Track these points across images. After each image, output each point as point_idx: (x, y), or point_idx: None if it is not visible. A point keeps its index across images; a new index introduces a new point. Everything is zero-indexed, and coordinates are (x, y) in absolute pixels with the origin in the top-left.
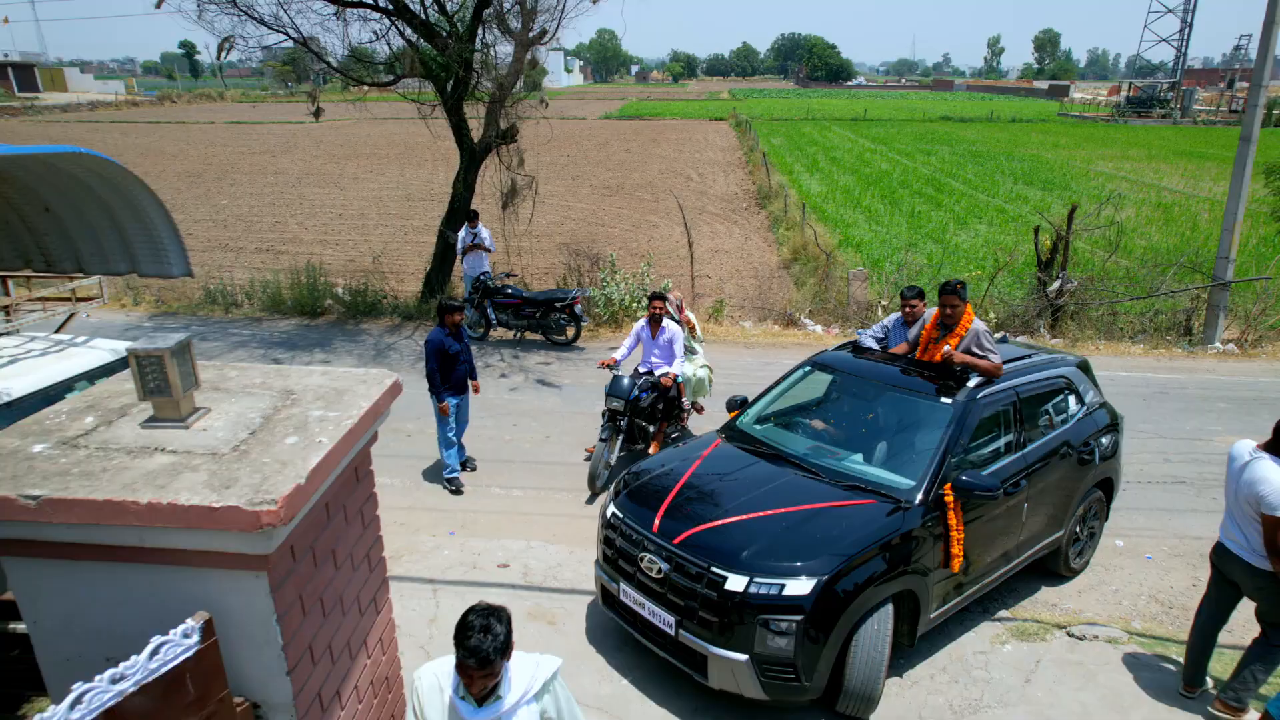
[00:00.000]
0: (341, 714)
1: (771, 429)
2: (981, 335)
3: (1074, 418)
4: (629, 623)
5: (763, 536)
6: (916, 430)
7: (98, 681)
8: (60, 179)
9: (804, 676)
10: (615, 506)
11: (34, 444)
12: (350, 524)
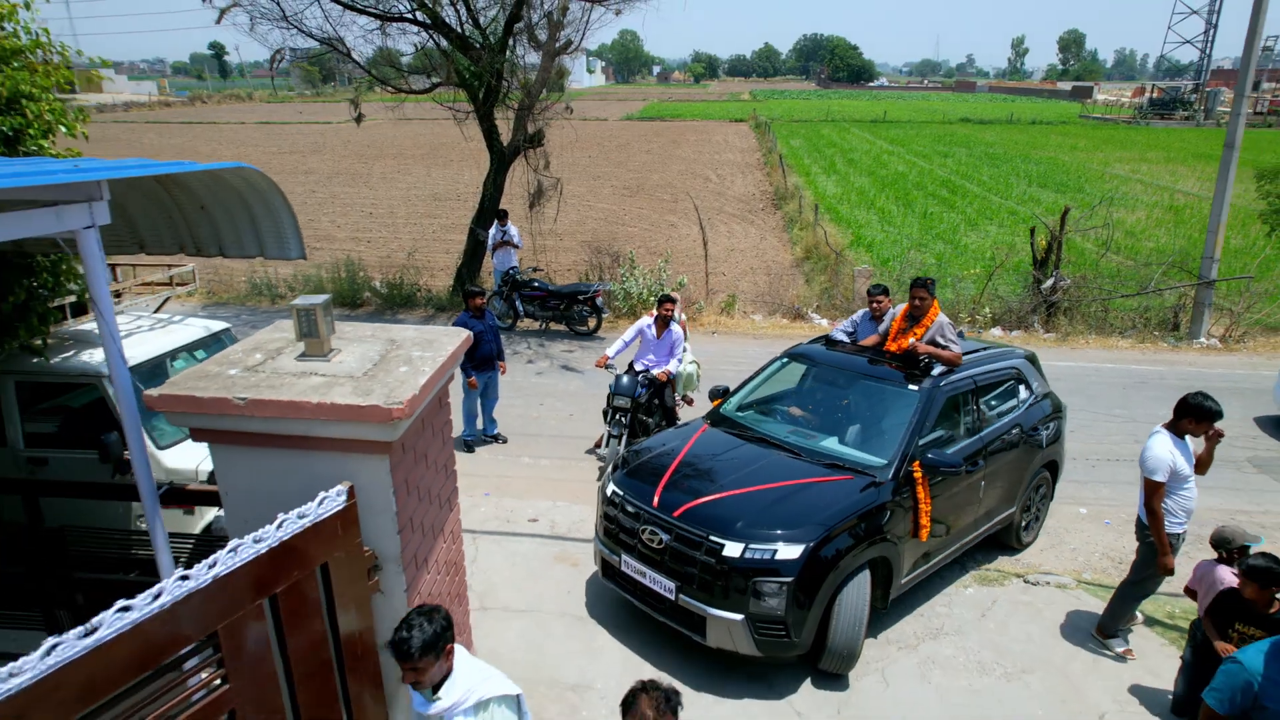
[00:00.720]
0: (426, 578)
1: (753, 415)
2: (945, 328)
3: (1024, 405)
4: (629, 592)
5: (754, 508)
6: (886, 414)
7: (290, 514)
8: (217, 184)
9: (793, 633)
10: (615, 485)
11: (229, 369)
12: (435, 436)
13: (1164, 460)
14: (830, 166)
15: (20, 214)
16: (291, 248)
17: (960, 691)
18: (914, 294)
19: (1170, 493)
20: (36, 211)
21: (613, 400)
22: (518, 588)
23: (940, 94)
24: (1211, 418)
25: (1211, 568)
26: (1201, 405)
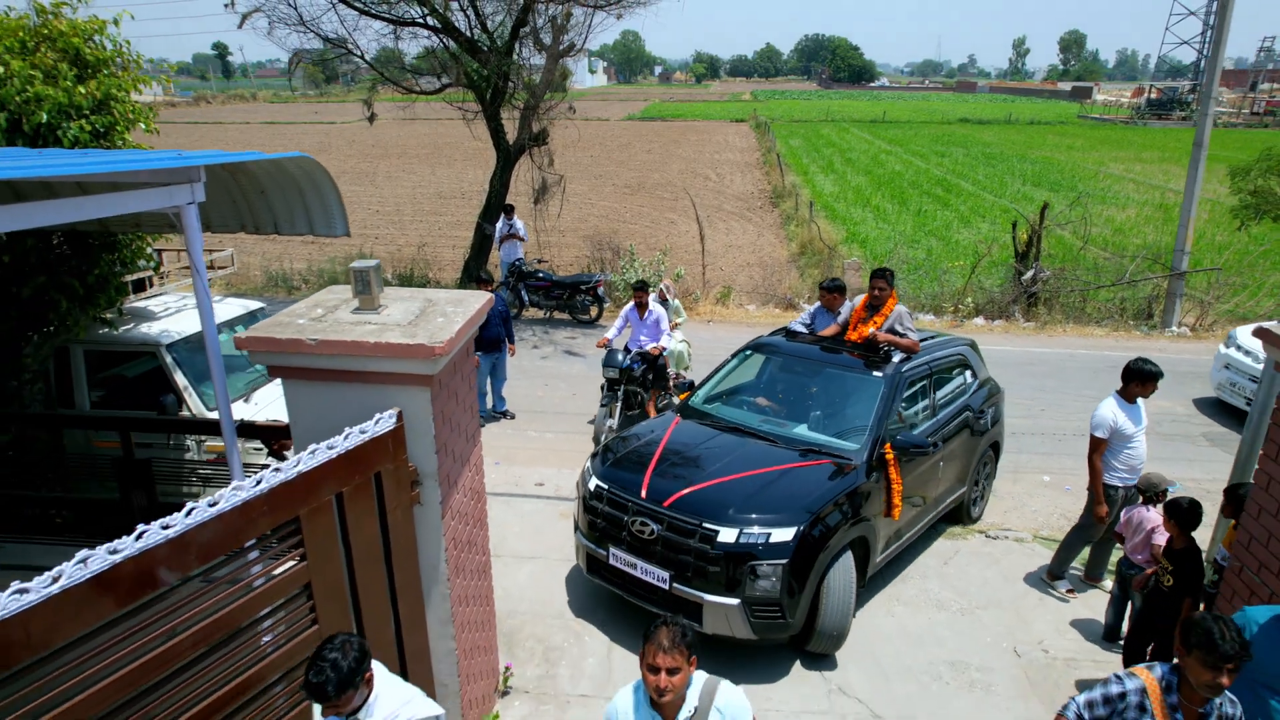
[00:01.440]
0: (455, 496)
1: (723, 406)
2: (903, 317)
3: (970, 389)
4: (618, 585)
5: (743, 495)
6: (854, 400)
7: (354, 429)
8: (277, 170)
9: (788, 614)
10: (598, 479)
11: (297, 319)
12: (463, 381)
13: (1106, 419)
14: (828, 166)
15: (143, 191)
16: (338, 226)
17: (919, 623)
18: (874, 284)
19: (1116, 450)
20: (154, 190)
21: (605, 374)
22: (526, 539)
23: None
24: (1152, 378)
25: (1136, 510)
26: (1142, 369)
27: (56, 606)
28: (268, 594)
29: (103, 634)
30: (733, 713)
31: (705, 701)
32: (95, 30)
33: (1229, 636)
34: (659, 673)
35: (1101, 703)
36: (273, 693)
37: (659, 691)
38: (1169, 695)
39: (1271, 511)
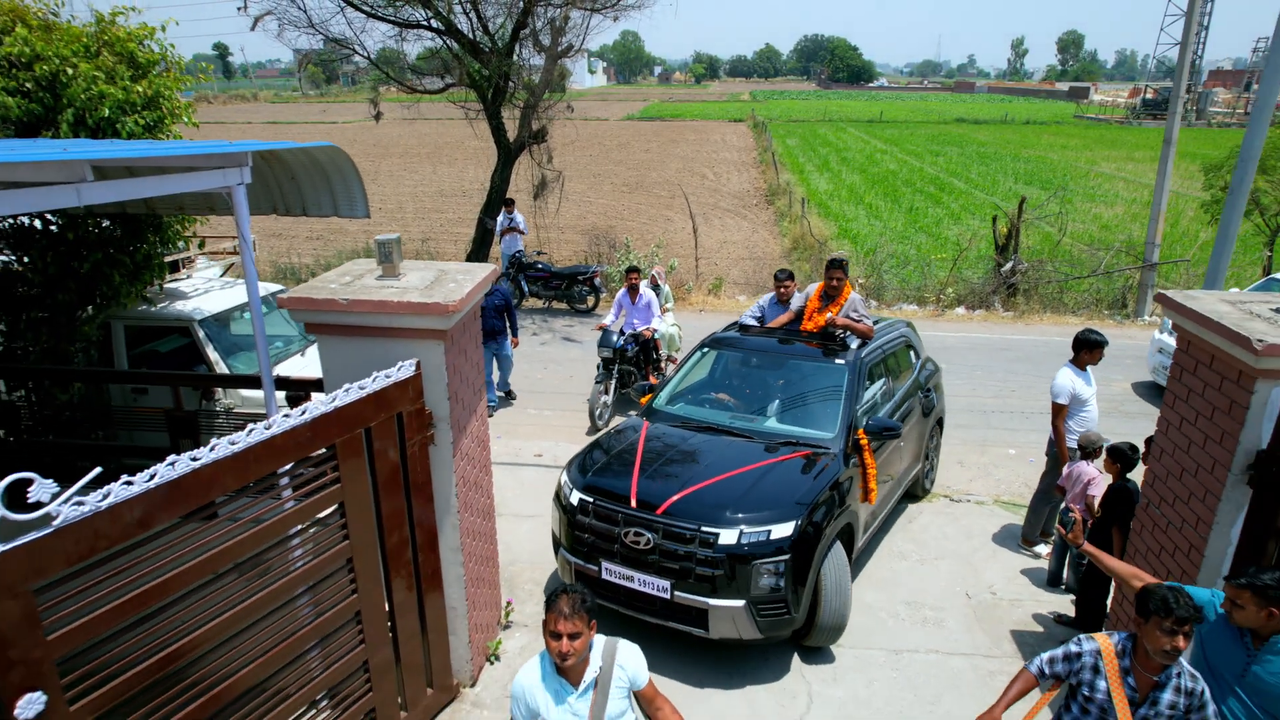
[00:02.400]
0: (464, 440)
1: (690, 406)
2: (858, 304)
3: (916, 369)
4: (613, 599)
5: (736, 494)
6: (820, 389)
7: (379, 374)
8: (307, 158)
9: (792, 609)
10: (581, 493)
11: (329, 284)
12: (471, 340)
13: (1065, 387)
14: (824, 164)
15: (205, 173)
16: (359, 208)
17: (881, 571)
18: (830, 274)
19: (1071, 414)
20: (210, 172)
21: (600, 353)
22: (526, 501)
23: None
24: (1098, 345)
25: (1076, 465)
26: (1089, 338)
27: (152, 497)
28: (309, 508)
29: (188, 523)
30: (633, 668)
31: (608, 661)
32: (146, 35)
33: (1182, 602)
34: (561, 639)
35: (1061, 659)
36: (298, 604)
37: (562, 656)
38: (1122, 659)
39: (1169, 452)
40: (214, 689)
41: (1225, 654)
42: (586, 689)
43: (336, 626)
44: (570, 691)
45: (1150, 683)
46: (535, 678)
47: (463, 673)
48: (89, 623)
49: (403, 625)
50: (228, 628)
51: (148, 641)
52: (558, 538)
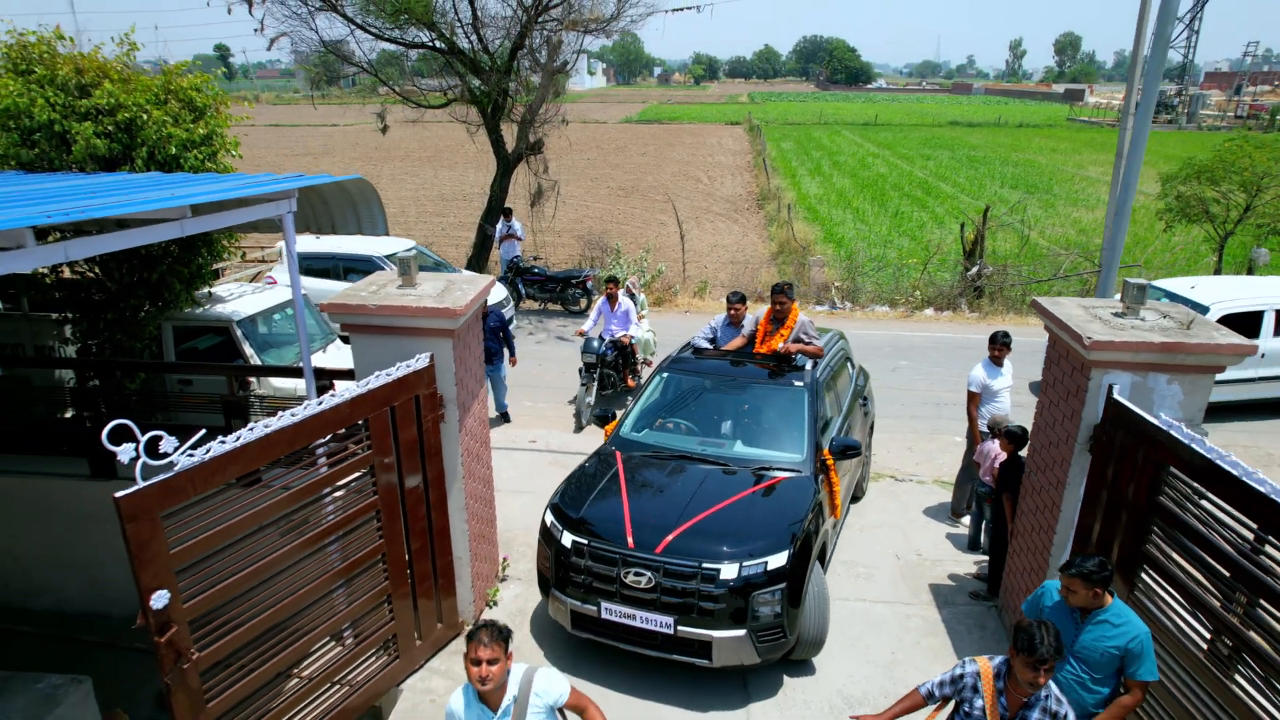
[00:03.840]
0: (468, 420)
1: (658, 434)
2: (807, 326)
3: (854, 378)
4: (612, 637)
5: (730, 528)
6: (783, 411)
7: (401, 364)
8: (337, 188)
9: (788, 632)
10: (573, 535)
11: (360, 293)
12: (474, 339)
13: (977, 378)
14: (816, 168)
15: (260, 205)
16: (380, 227)
17: None
18: (775, 299)
19: (984, 403)
20: (269, 204)
21: (583, 358)
22: (521, 480)
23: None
24: (1004, 344)
25: (986, 444)
26: (994, 339)
27: (239, 453)
28: (348, 468)
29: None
30: (550, 694)
31: (524, 688)
32: (203, 83)
33: (1047, 642)
34: (480, 664)
35: (949, 682)
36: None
37: (481, 680)
38: (998, 680)
39: (1042, 430)
40: (284, 600)
41: (1059, 628)
42: (504, 712)
43: (369, 564)
44: (490, 716)
45: (1020, 703)
46: (460, 706)
47: (466, 613)
48: (196, 544)
49: (419, 569)
50: (292, 555)
51: (236, 560)
52: (546, 577)
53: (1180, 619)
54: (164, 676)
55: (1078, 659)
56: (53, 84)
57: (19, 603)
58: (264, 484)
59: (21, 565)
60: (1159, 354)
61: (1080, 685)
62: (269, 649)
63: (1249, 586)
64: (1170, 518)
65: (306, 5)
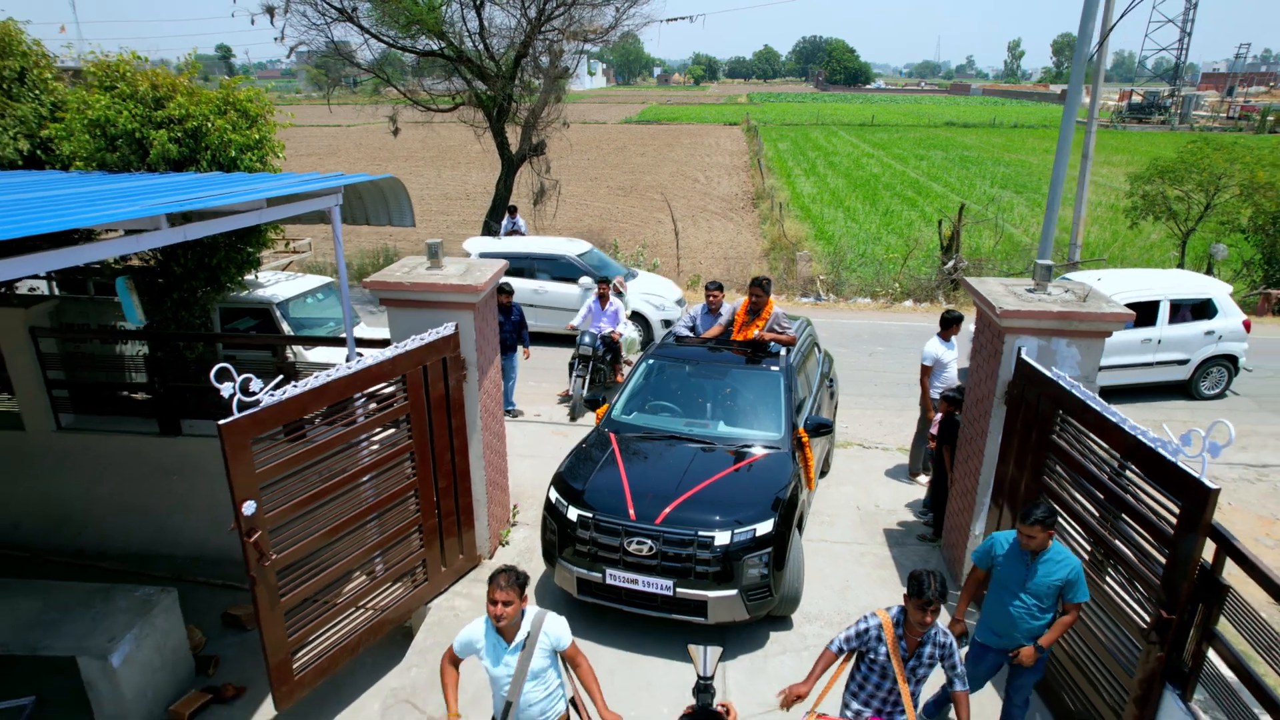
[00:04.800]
0: (485, 381)
1: (647, 416)
2: (781, 317)
3: (820, 361)
4: (616, 600)
5: (721, 500)
6: (761, 394)
7: (430, 331)
8: (374, 185)
9: (774, 591)
10: (579, 510)
11: (396, 272)
12: (490, 313)
13: (930, 353)
14: (811, 168)
15: (316, 199)
16: (407, 219)
17: None
18: (752, 291)
19: (937, 374)
20: (321, 198)
21: (579, 350)
22: (528, 446)
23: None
24: (955, 321)
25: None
26: (945, 316)
27: (308, 395)
28: (389, 415)
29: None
30: (555, 635)
31: (535, 627)
32: (256, 94)
33: (933, 586)
34: (498, 604)
35: (855, 636)
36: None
37: (497, 618)
38: (897, 629)
39: (973, 389)
40: (338, 520)
41: (1013, 571)
42: (517, 647)
43: (404, 498)
44: (505, 648)
45: (915, 642)
46: (480, 632)
47: (483, 548)
48: (275, 466)
49: (444, 505)
50: (345, 483)
51: (306, 481)
52: (552, 550)
53: (1070, 535)
54: (249, 571)
55: (1029, 594)
56: (133, 98)
57: (96, 546)
58: (325, 422)
59: (98, 512)
60: (1058, 321)
61: (1029, 615)
62: (325, 561)
63: (1115, 504)
64: (1061, 453)
65: (324, 17)
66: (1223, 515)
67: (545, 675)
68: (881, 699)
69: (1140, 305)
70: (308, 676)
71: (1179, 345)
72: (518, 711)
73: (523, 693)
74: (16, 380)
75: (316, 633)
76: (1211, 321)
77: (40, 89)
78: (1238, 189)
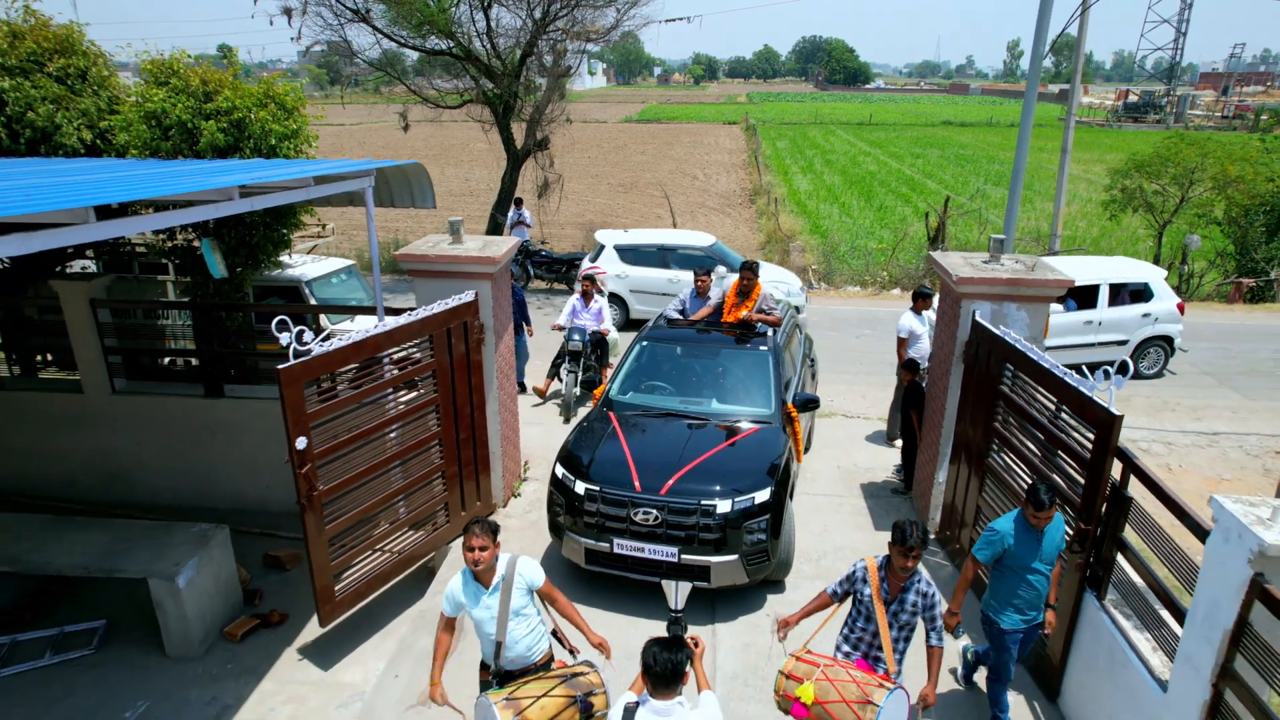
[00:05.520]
0: (500, 345)
1: (644, 395)
2: (768, 299)
3: (802, 341)
4: (623, 568)
5: (722, 471)
6: (750, 372)
7: (453, 298)
8: (398, 170)
9: (771, 556)
10: (585, 483)
11: (423, 244)
12: (505, 284)
13: (904, 325)
14: (809, 166)
15: (347, 180)
16: (429, 201)
17: None
18: (742, 274)
19: (910, 345)
20: (353, 181)
21: (568, 346)
22: (535, 415)
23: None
24: (928, 296)
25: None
26: (916, 292)
27: (352, 347)
28: (419, 369)
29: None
30: (529, 575)
31: (510, 570)
32: (293, 89)
33: (914, 534)
34: (474, 550)
35: (845, 580)
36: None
37: (475, 563)
38: (881, 572)
39: (937, 350)
40: (378, 460)
41: (1027, 547)
42: (495, 589)
43: (429, 445)
44: (483, 592)
45: (898, 588)
46: (459, 586)
47: (498, 497)
48: (323, 408)
49: (464, 455)
50: (381, 428)
51: (350, 422)
52: (560, 523)
53: (1017, 472)
54: (299, 499)
55: (1044, 562)
56: (185, 92)
57: (146, 499)
58: (363, 375)
59: (147, 468)
60: (1007, 287)
61: (1047, 583)
62: (361, 497)
63: (1051, 442)
64: (1008, 400)
65: (339, 19)
66: (1173, 476)
67: (526, 612)
68: (867, 643)
69: (1082, 289)
70: (347, 599)
71: (1118, 327)
72: (506, 650)
73: (508, 630)
74: (77, 346)
75: (354, 561)
76: (1148, 304)
77: (99, 85)
78: (1210, 183)
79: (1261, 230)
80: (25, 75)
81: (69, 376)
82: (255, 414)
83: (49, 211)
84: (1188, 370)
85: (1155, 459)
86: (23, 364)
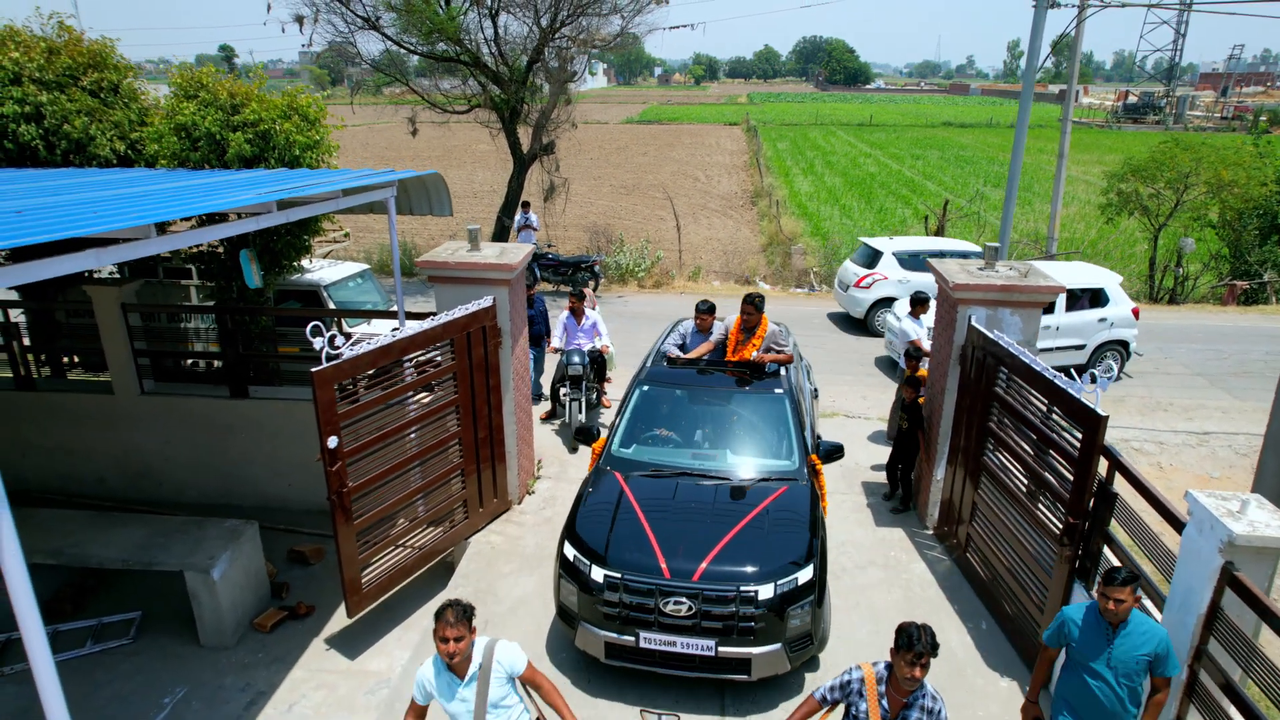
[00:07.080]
0: (516, 349)
1: (649, 450)
2: (776, 335)
3: (803, 368)
4: (650, 663)
5: (756, 548)
6: (766, 418)
7: (472, 303)
8: (418, 180)
9: (814, 639)
10: (604, 570)
11: (443, 253)
12: (521, 290)
13: (908, 331)
14: (809, 167)
15: (372, 191)
16: (446, 209)
17: None
18: (744, 309)
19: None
20: (377, 191)
21: (568, 370)
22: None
23: (931, 96)
24: (924, 302)
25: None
26: (913, 297)
27: (377, 351)
28: (440, 371)
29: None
30: (509, 662)
31: (487, 658)
32: (315, 100)
33: (923, 639)
34: (448, 642)
35: (839, 687)
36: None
37: (449, 656)
38: (880, 685)
39: (936, 353)
40: (404, 457)
41: (1092, 645)
42: (471, 680)
43: (449, 444)
44: (458, 684)
45: (900, 704)
46: (431, 673)
47: (514, 494)
48: (354, 408)
49: (481, 454)
50: (405, 428)
51: (377, 422)
52: (571, 610)
53: (1011, 470)
54: (330, 495)
55: (1114, 669)
56: (213, 104)
57: (172, 496)
58: (389, 377)
59: (174, 466)
60: (1000, 293)
61: (1115, 701)
62: (386, 494)
63: (1043, 441)
64: (1002, 401)
65: (350, 26)
66: (1163, 474)
67: (507, 703)
68: None
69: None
70: (373, 590)
71: (1075, 331)
72: None
73: None
74: (109, 348)
75: (379, 555)
76: (1104, 309)
77: (130, 98)
78: (1204, 187)
79: (1255, 233)
80: (61, 89)
81: (97, 378)
82: (278, 414)
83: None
84: (1180, 371)
85: (1147, 458)
86: (52, 366)
